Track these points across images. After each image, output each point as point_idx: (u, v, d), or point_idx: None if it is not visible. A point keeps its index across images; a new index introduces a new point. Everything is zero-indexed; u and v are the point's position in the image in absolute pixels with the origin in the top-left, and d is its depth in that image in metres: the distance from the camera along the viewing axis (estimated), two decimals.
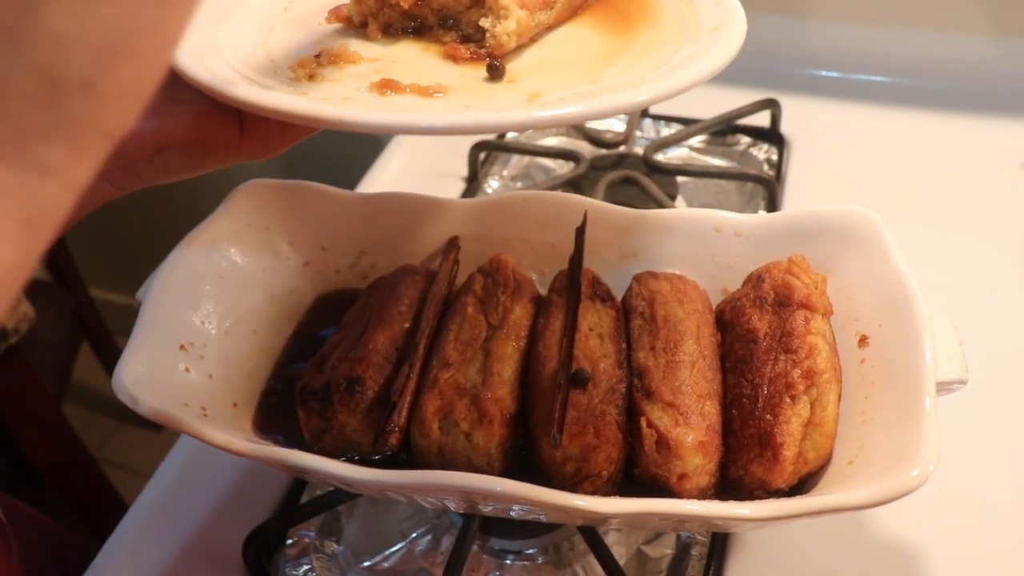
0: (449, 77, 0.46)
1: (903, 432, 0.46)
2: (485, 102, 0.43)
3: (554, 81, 0.45)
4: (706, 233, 0.62)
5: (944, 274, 0.78)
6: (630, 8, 0.53)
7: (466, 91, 0.44)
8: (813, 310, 0.52)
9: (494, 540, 0.62)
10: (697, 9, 0.50)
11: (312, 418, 0.55)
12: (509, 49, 0.47)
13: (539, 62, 0.48)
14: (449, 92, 0.44)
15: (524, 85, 0.45)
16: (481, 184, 0.93)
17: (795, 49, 1.06)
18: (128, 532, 0.66)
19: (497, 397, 0.52)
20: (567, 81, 0.45)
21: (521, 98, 0.43)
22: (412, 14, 0.49)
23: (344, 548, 0.64)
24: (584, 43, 0.50)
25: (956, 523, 0.60)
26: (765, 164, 0.93)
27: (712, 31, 0.47)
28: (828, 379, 0.50)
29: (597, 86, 0.44)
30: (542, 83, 0.45)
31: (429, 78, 0.45)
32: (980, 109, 1.00)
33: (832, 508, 0.43)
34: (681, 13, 0.51)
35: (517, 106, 0.42)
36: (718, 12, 0.49)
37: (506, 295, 0.57)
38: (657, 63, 0.45)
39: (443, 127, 0.39)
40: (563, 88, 0.44)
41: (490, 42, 0.46)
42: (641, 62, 0.46)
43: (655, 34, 0.49)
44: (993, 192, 0.89)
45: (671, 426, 0.49)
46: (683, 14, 0.51)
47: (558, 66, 0.47)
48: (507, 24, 0.46)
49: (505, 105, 0.42)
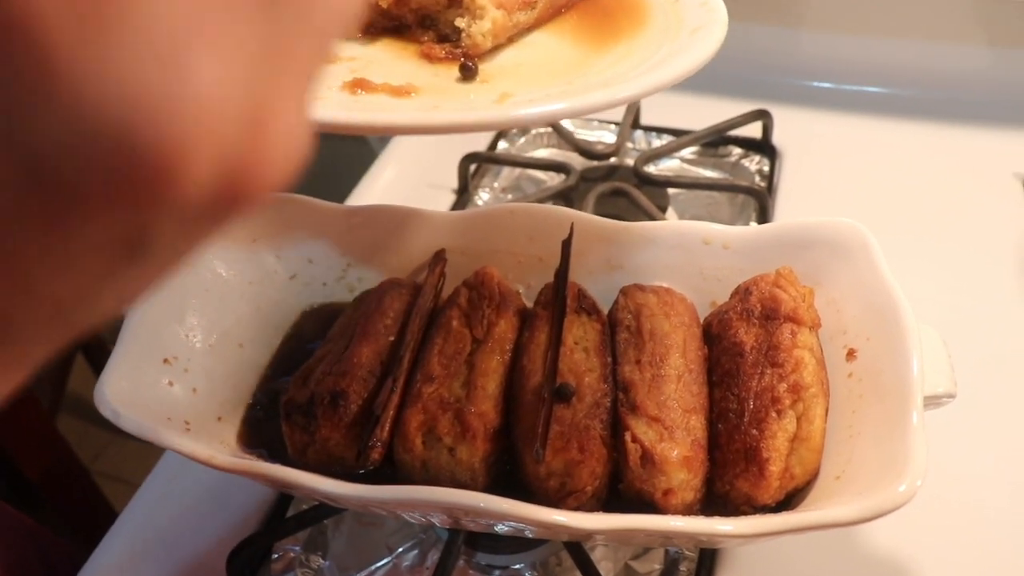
0: (422, 77, 0.46)
1: (890, 447, 0.45)
2: (454, 102, 0.42)
3: (527, 82, 0.45)
4: (694, 245, 0.62)
5: (936, 286, 0.78)
6: (616, 8, 0.53)
7: (437, 91, 0.44)
8: (800, 323, 0.52)
9: (481, 555, 0.62)
10: (681, 10, 0.50)
11: (296, 432, 0.54)
12: (484, 49, 0.46)
13: (515, 63, 0.47)
14: (421, 92, 0.44)
15: (496, 86, 0.44)
16: (472, 196, 0.93)
17: (787, 59, 1.06)
18: (113, 546, 0.66)
19: (481, 411, 0.51)
20: (540, 82, 0.45)
21: (492, 98, 0.42)
22: (391, 14, 0.49)
23: (330, 563, 0.63)
24: (564, 44, 0.50)
25: (948, 536, 0.60)
26: (757, 175, 0.93)
27: (692, 32, 0.46)
28: (815, 393, 0.49)
29: (570, 87, 0.43)
30: (514, 84, 0.44)
31: (402, 78, 0.45)
32: (974, 119, 1.00)
33: (817, 525, 0.43)
34: (666, 13, 0.51)
35: (484, 107, 0.41)
36: (701, 13, 0.48)
37: (491, 309, 0.57)
38: (634, 65, 0.45)
39: (405, 126, 0.38)
40: (535, 89, 0.43)
41: (465, 42, 0.46)
42: (619, 64, 0.46)
43: (637, 35, 0.49)
44: (987, 203, 0.89)
45: (656, 441, 0.49)
46: (667, 14, 0.51)
47: (533, 67, 0.47)
48: (482, 24, 0.45)
49: (473, 105, 0.42)
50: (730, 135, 0.95)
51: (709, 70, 0.46)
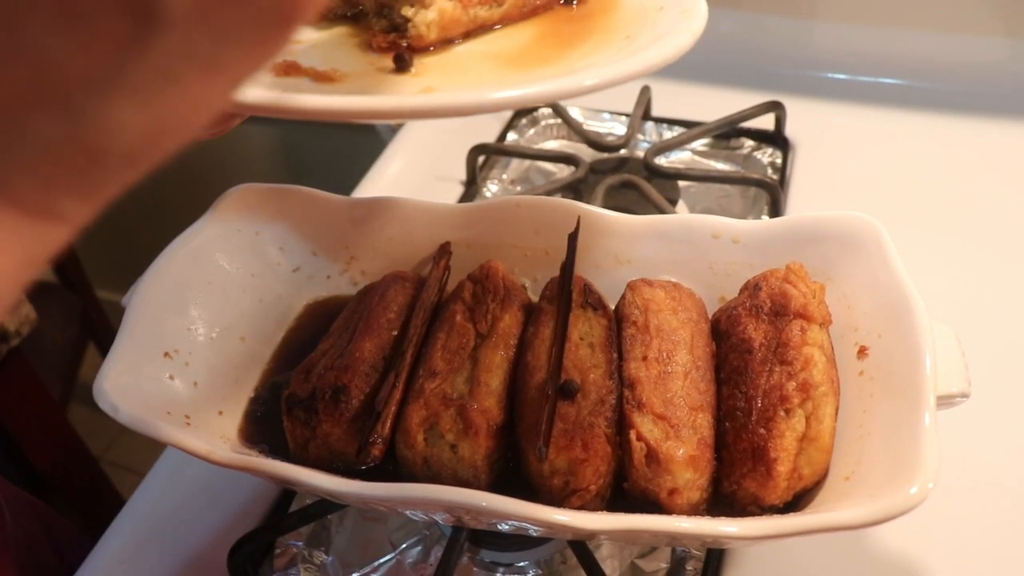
0: (355, 65, 0.44)
1: (901, 448, 0.44)
2: (369, 92, 0.41)
3: (458, 79, 0.43)
4: (703, 239, 0.61)
5: (951, 283, 0.76)
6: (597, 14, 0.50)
7: (362, 79, 0.43)
8: (810, 320, 0.51)
9: (485, 552, 0.61)
10: (660, 18, 0.46)
11: (297, 427, 0.54)
12: (429, 41, 0.45)
13: (459, 58, 0.45)
14: (345, 79, 0.42)
15: (425, 80, 0.43)
16: (480, 188, 0.92)
17: (800, 50, 1.04)
18: (117, 536, 0.66)
19: (484, 408, 0.50)
20: (473, 80, 0.43)
21: (414, 91, 0.41)
22: (351, 0, 0.48)
23: (333, 558, 0.63)
24: (522, 44, 0.47)
25: (960, 539, 0.58)
26: (769, 168, 0.91)
27: (656, 38, 0.43)
28: (824, 392, 0.48)
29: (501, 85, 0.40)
30: (443, 79, 0.42)
31: (333, 64, 0.43)
32: (991, 112, 0.98)
33: (825, 527, 0.42)
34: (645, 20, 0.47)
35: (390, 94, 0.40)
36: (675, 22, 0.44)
37: (495, 303, 0.56)
38: (586, 64, 0.42)
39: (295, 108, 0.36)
40: (463, 85, 0.42)
41: (410, 32, 0.45)
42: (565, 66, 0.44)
43: (605, 40, 0.46)
44: (1003, 198, 0.87)
45: (661, 439, 0.48)
46: (646, 20, 0.47)
47: (474, 64, 0.45)
48: (426, 14, 0.44)
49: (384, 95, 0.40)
50: (742, 127, 0.93)
51: (721, 61, 0.43)
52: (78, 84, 0.19)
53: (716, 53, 0.94)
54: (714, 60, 0.63)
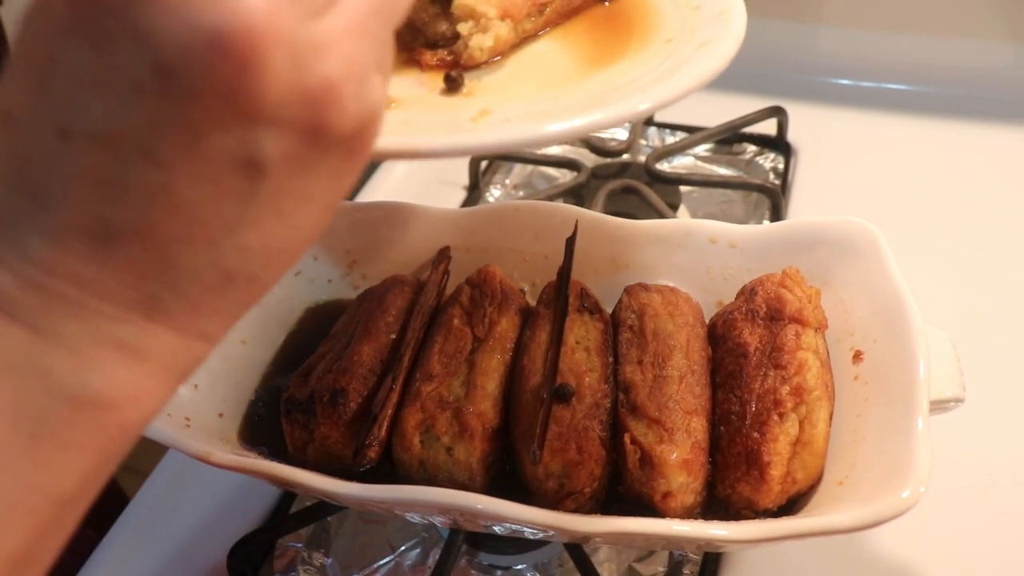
0: (405, 88, 0.44)
1: (894, 452, 0.44)
2: (427, 119, 0.41)
3: (511, 97, 0.43)
4: (701, 244, 0.61)
5: (951, 288, 0.76)
6: (629, 14, 0.50)
7: (415, 105, 0.43)
8: (805, 324, 0.51)
9: (483, 555, 0.61)
10: (698, 19, 0.46)
11: (296, 430, 0.54)
12: (481, 61, 0.45)
13: (507, 74, 0.46)
14: (399, 105, 0.42)
15: (478, 100, 0.43)
16: (483, 193, 0.92)
17: (803, 55, 1.04)
18: (118, 537, 0.66)
19: (480, 411, 0.51)
20: (526, 97, 0.43)
21: (470, 114, 0.40)
22: None
23: (332, 560, 0.63)
24: (564, 54, 0.48)
25: (954, 542, 0.58)
26: (771, 173, 0.91)
27: (700, 46, 0.43)
28: (818, 396, 0.48)
29: (555, 104, 0.41)
30: (497, 99, 0.42)
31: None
32: (995, 117, 0.97)
33: (817, 531, 0.42)
34: (683, 21, 0.48)
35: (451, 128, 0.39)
36: (716, 24, 0.45)
37: (492, 307, 0.56)
38: (630, 81, 0.42)
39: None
40: (518, 105, 0.41)
41: (462, 53, 0.45)
42: (614, 79, 0.43)
43: (642, 47, 0.47)
44: (1007, 203, 0.87)
45: (655, 443, 0.48)
46: (684, 22, 0.47)
47: (524, 79, 0.45)
48: (483, 39, 0.44)
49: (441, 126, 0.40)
50: (744, 132, 0.93)
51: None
52: (216, 224, 0.25)
53: None
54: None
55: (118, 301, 0.25)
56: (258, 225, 0.26)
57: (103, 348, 0.25)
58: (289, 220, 0.26)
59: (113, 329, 0.25)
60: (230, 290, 0.26)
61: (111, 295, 0.24)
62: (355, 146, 0.27)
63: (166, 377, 0.26)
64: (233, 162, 0.24)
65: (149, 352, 0.25)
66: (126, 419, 0.26)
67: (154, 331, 0.25)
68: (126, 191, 0.23)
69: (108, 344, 0.25)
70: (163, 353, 0.26)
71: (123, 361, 0.25)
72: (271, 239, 0.26)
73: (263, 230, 0.26)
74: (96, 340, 0.24)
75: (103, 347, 0.25)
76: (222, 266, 0.26)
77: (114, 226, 0.24)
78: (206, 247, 0.25)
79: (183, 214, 0.24)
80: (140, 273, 0.24)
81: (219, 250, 0.25)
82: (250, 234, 0.25)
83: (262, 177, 0.25)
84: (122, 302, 0.25)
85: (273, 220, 0.26)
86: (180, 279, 0.25)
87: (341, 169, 0.27)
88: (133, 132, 0.23)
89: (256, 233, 0.26)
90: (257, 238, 0.26)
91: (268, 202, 0.25)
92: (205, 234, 0.25)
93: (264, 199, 0.25)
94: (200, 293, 0.26)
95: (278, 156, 0.24)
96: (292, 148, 0.25)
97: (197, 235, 0.25)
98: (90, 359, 0.24)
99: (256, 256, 0.26)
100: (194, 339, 0.27)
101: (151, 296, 0.25)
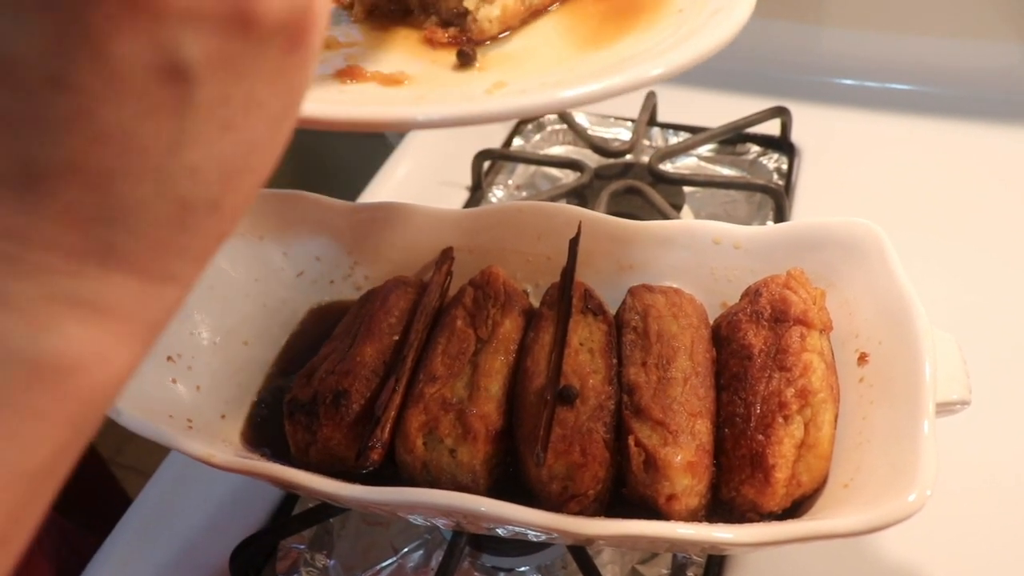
0: (418, 65, 0.44)
1: (900, 455, 0.44)
2: (440, 92, 0.40)
3: (524, 70, 0.43)
4: (705, 245, 0.61)
5: (956, 289, 0.76)
6: None
7: (429, 80, 0.42)
8: (810, 326, 0.51)
9: (486, 557, 0.61)
10: None
11: (298, 431, 0.54)
12: (491, 35, 0.44)
13: (518, 48, 0.45)
14: (412, 81, 0.42)
15: (491, 74, 0.42)
16: (485, 193, 0.92)
17: (807, 55, 1.04)
18: (122, 537, 0.66)
19: (483, 413, 0.50)
20: (539, 70, 0.42)
21: (484, 87, 0.40)
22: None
23: (335, 562, 0.63)
24: (575, 27, 0.47)
25: (960, 545, 0.58)
26: (775, 173, 0.91)
27: (712, 14, 0.42)
28: (823, 399, 0.48)
29: (570, 75, 0.41)
30: (510, 72, 0.42)
31: (396, 65, 0.43)
32: (1000, 117, 0.97)
33: (822, 535, 0.42)
34: None
35: (467, 98, 0.39)
36: None
37: (496, 308, 0.56)
38: (641, 51, 0.42)
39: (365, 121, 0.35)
40: (532, 77, 0.41)
41: (472, 27, 0.44)
42: (626, 50, 0.43)
43: (654, 17, 0.46)
44: (1012, 203, 0.86)
45: (659, 445, 0.48)
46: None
47: (536, 53, 0.44)
48: (490, 10, 0.44)
49: (457, 97, 0.40)
50: (748, 132, 0.93)
51: (727, 66, 0.43)
52: (154, 147, 0.22)
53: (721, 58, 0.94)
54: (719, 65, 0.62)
55: (66, 251, 0.22)
56: (203, 141, 0.23)
57: (57, 305, 0.22)
58: (239, 132, 0.24)
59: (65, 283, 0.22)
60: (191, 220, 0.24)
61: (56, 246, 0.22)
62: (295, 37, 0.24)
63: (136, 330, 0.24)
64: (153, 71, 0.21)
65: (110, 304, 0.23)
66: (94, 380, 0.23)
67: (112, 280, 0.23)
68: (40, 125, 0.21)
69: (62, 300, 0.22)
70: (127, 303, 0.23)
71: (82, 317, 0.23)
72: (223, 156, 0.24)
73: (211, 146, 0.23)
74: (48, 297, 0.22)
75: (57, 304, 0.22)
76: (174, 194, 0.23)
77: (37, 167, 0.21)
78: (150, 175, 0.22)
79: (113, 141, 0.21)
80: (83, 216, 0.22)
81: (165, 176, 0.23)
82: (196, 153, 0.23)
83: (191, 84, 0.22)
84: (71, 252, 0.22)
85: (219, 134, 0.23)
86: (130, 216, 0.22)
87: (285, 66, 0.24)
88: (29, 56, 0.20)
89: (203, 150, 0.23)
90: (205, 156, 0.23)
91: (208, 114, 0.23)
92: (144, 160, 0.22)
93: (203, 111, 0.22)
94: (157, 229, 0.23)
95: (203, 57, 0.22)
96: (217, 46, 0.22)
97: (135, 162, 0.22)
98: (44, 319, 0.22)
99: (210, 177, 0.23)
100: (162, 283, 0.24)
101: (102, 241, 0.22)
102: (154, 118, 0.22)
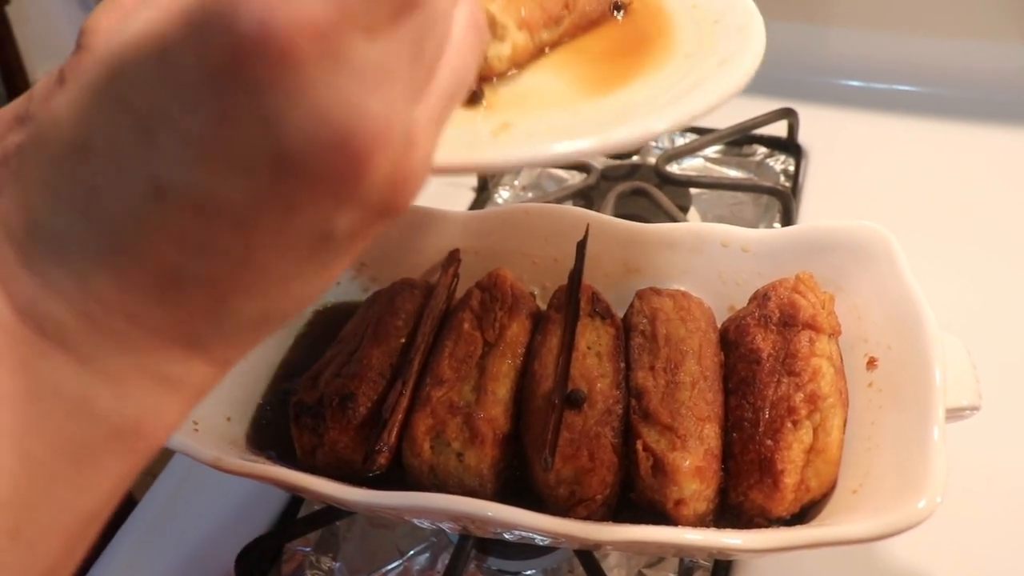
0: None
1: (909, 461, 0.44)
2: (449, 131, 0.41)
3: (532, 110, 0.42)
4: (712, 248, 0.60)
5: (965, 292, 0.75)
6: (645, 29, 0.49)
7: None
8: (819, 331, 0.51)
9: (492, 560, 0.61)
10: (717, 33, 0.45)
11: (304, 434, 0.54)
12: (499, 72, 0.44)
13: (526, 87, 0.45)
14: None
15: (500, 115, 0.42)
16: (491, 194, 0.92)
17: (814, 57, 1.03)
18: (126, 539, 0.66)
19: (490, 416, 0.50)
20: (547, 111, 0.42)
21: (490, 128, 0.40)
22: None
23: (341, 564, 0.63)
24: (583, 67, 0.47)
25: (970, 552, 0.58)
26: (782, 175, 0.91)
27: (720, 64, 0.42)
28: (832, 404, 0.48)
29: (576, 119, 0.40)
30: (518, 113, 0.42)
31: None
32: (1007, 119, 0.97)
33: (831, 541, 0.42)
34: (700, 35, 0.46)
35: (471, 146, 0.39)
36: (735, 40, 0.43)
37: (503, 311, 0.56)
38: (650, 97, 0.41)
39: None
40: (538, 119, 0.41)
41: (481, 64, 0.44)
42: (635, 94, 0.42)
43: (661, 62, 0.45)
44: (1020, 206, 0.86)
45: (668, 450, 0.47)
46: (702, 36, 0.46)
47: (543, 93, 0.44)
48: (501, 48, 0.43)
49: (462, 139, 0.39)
50: (755, 134, 0.93)
51: None
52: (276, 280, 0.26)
53: None
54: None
55: (164, 336, 0.26)
56: (308, 278, 0.27)
57: (143, 378, 0.26)
58: (331, 272, 0.28)
59: (156, 362, 0.26)
60: (264, 329, 0.28)
61: (158, 331, 0.26)
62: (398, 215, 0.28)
63: (193, 400, 0.28)
64: (312, 234, 0.25)
65: (183, 381, 0.27)
66: (156, 441, 0.27)
67: (192, 364, 0.27)
68: (207, 251, 0.24)
69: (149, 375, 0.26)
70: (195, 382, 0.27)
71: (160, 390, 0.26)
72: (314, 288, 0.28)
73: (311, 282, 0.27)
74: (139, 371, 0.26)
75: (144, 377, 0.26)
76: (265, 310, 0.27)
77: (184, 277, 0.25)
78: (261, 298, 0.26)
79: (251, 272, 0.25)
80: (193, 315, 0.26)
81: (271, 300, 0.27)
82: (299, 286, 0.27)
83: (329, 244, 0.26)
84: (167, 337, 0.26)
85: (320, 273, 0.27)
86: (227, 322, 0.26)
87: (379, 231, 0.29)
88: (232, 204, 0.24)
89: (305, 285, 0.27)
90: (303, 289, 0.27)
91: (322, 260, 0.27)
92: (266, 288, 0.26)
93: (321, 259, 0.27)
94: (239, 332, 0.27)
95: (349, 229, 0.25)
96: (363, 223, 0.26)
97: (257, 288, 0.26)
98: (130, 387, 0.26)
99: (296, 302, 0.28)
100: (222, 367, 0.28)
101: (196, 334, 0.26)
102: (289, 261, 0.26)
